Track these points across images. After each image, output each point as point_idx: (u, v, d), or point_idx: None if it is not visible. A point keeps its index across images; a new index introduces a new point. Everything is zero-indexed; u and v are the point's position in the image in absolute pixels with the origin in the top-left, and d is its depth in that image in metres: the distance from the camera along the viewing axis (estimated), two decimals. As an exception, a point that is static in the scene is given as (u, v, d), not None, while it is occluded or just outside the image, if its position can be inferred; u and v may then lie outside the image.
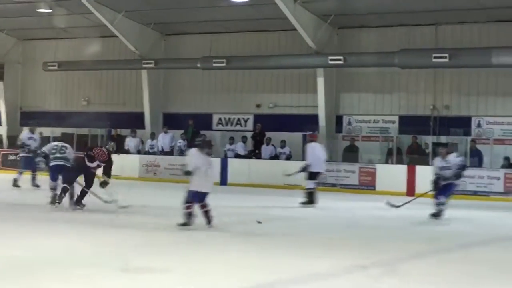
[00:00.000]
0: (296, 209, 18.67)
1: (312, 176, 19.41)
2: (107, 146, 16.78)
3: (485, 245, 12.69)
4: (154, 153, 29.12)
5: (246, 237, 12.40)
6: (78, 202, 16.25)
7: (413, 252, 11.40)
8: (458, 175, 16.14)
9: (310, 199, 19.21)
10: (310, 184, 19.42)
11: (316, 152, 19.61)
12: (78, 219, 14.25)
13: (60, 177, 16.72)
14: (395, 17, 26.66)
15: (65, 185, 16.23)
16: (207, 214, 13.18)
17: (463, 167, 16.30)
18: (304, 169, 19.53)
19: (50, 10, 29.14)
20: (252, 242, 11.76)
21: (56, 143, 17.34)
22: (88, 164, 16.36)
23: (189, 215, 13.07)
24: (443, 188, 16.06)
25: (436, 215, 15.89)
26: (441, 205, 15.88)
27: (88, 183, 16.44)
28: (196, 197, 13.09)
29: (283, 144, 27.83)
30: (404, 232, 13.73)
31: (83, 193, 16.38)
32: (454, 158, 16.18)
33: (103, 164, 16.49)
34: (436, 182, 16.11)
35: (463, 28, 26.29)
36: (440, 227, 15.30)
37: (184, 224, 12.93)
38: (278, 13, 25.53)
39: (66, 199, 16.12)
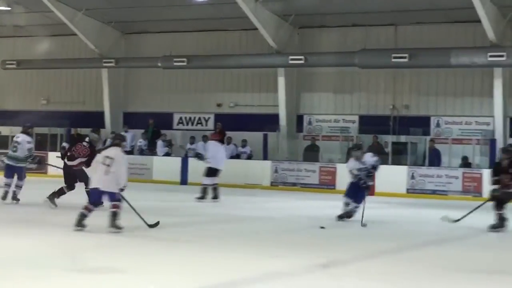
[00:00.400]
0: (256, 209, 18.70)
1: (211, 172, 19.84)
2: (86, 139, 16.41)
3: (443, 244, 12.80)
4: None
5: (205, 237, 12.36)
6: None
7: (373, 250, 11.46)
8: (370, 176, 15.40)
9: (203, 194, 19.71)
10: (207, 180, 19.86)
11: (216, 149, 20.24)
12: (37, 220, 14.09)
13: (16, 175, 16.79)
14: (355, 17, 26.84)
15: (62, 187, 16.13)
16: (112, 215, 12.07)
17: (375, 167, 15.54)
18: (199, 158, 20.47)
19: (9, 8, 28.89)
20: (211, 242, 11.74)
21: (15, 137, 17.24)
22: (70, 163, 16.19)
23: (82, 216, 12.06)
24: (359, 192, 15.36)
25: (345, 216, 15.31)
26: (356, 207, 15.26)
27: (86, 182, 16.10)
28: (94, 195, 12.24)
29: (244, 143, 27.87)
30: (364, 231, 13.79)
31: (88, 193, 16.24)
32: (370, 158, 15.53)
33: (85, 159, 16.04)
34: (361, 184, 15.33)
35: (422, 29, 26.54)
36: (399, 226, 15.42)
37: (78, 225, 11.99)
38: (239, 12, 25.57)
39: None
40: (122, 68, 30.86)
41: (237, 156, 27.77)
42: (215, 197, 19.81)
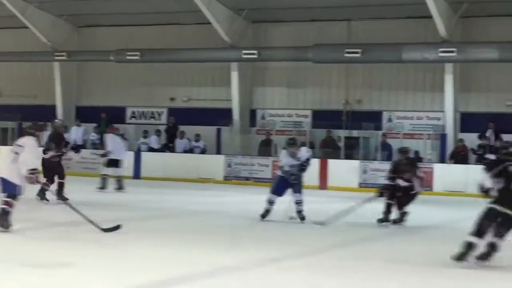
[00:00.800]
0: (209, 203, 18.73)
1: (111, 163, 20.56)
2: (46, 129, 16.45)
3: (390, 238, 12.94)
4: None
5: (156, 232, 12.35)
6: (59, 196, 16.04)
7: (323, 245, 11.54)
8: (302, 170, 14.37)
9: (103, 185, 20.37)
10: (106, 170, 20.57)
11: (116, 141, 20.96)
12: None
13: None
14: (308, 12, 26.95)
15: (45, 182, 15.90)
16: (1, 212, 11.04)
17: (308, 161, 14.42)
18: (103, 155, 20.86)
19: (-42, 0, 28.47)
20: (164, 237, 11.72)
21: None
22: (45, 157, 16.24)
23: (4, 213, 11.07)
24: (292, 188, 14.40)
25: (267, 214, 14.38)
26: (300, 203, 14.33)
27: (59, 175, 16.38)
28: (4, 186, 11.22)
29: (197, 138, 27.83)
30: (315, 226, 13.86)
31: (60, 185, 16.26)
32: (305, 153, 14.52)
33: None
34: (292, 180, 14.32)
35: (375, 24, 26.70)
36: (349, 220, 15.51)
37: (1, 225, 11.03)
38: (193, 6, 25.53)
39: None
40: (75, 61, 30.62)
41: (190, 151, 27.76)
42: (120, 187, 20.37)
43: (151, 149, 28.05)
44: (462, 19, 25.11)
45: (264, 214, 14.39)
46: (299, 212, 14.36)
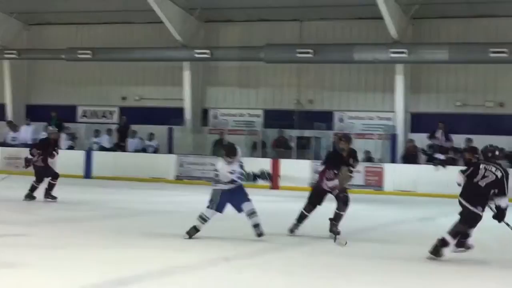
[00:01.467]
0: (162, 202, 18.69)
1: None
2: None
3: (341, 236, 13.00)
4: (16, 146, 28.41)
5: (108, 232, 12.29)
6: (47, 195, 16.84)
7: (274, 245, 11.56)
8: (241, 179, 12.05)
9: None
10: None
11: None
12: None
13: None
14: (260, 12, 27.03)
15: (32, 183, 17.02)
16: None
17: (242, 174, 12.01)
18: None
19: None
20: (115, 237, 11.68)
21: None
22: (33, 160, 17.09)
23: None
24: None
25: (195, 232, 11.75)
26: (253, 215, 11.93)
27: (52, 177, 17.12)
28: None
29: (151, 137, 27.71)
30: (267, 225, 13.87)
31: (50, 185, 17.00)
32: (238, 168, 12.03)
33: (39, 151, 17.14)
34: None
35: (327, 25, 26.88)
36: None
37: None
38: (145, 5, 25.44)
39: None
40: (25, 59, 30.29)
41: (143, 150, 27.63)
42: None
43: (103, 148, 27.87)
44: (413, 20, 25.38)
45: (191, 232, 11.75)
46: (256, 226, 11.75)
